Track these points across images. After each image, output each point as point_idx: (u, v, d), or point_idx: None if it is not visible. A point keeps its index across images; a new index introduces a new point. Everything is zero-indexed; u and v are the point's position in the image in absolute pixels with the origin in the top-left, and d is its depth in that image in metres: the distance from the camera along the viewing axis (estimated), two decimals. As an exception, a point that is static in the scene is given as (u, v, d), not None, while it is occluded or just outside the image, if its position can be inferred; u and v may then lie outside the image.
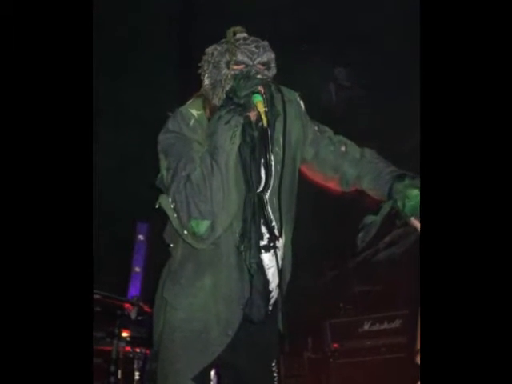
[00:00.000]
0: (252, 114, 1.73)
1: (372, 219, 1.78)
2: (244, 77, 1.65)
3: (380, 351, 4.23)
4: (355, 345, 4.32)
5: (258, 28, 1.82)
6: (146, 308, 3.40)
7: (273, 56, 1.78)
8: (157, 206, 1.68)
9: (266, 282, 1.76)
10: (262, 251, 1.75)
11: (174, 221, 1.65)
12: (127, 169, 4.43)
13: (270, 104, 1.73)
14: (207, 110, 1.76)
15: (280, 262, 1.74)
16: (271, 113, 1.73)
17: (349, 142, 1.98)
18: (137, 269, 4.85)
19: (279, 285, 1.76)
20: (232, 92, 1.65)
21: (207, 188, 1.59)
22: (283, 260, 1.80)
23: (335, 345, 4.37)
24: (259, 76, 1.69)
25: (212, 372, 1.81)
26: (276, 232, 1.76)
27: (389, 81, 4.38)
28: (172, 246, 1.84)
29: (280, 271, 1.73)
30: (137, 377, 3.28)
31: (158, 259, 1.96)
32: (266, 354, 1.84)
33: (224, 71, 1.70)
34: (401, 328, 4.20)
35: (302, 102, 1.95)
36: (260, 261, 1.74)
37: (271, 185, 1.76)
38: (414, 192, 1.69)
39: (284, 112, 1.70)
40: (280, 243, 1.80)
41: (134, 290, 4.75)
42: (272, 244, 1.75)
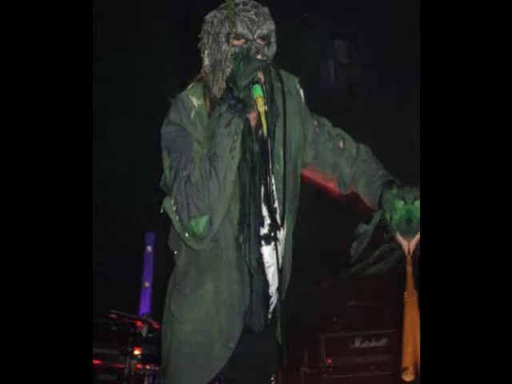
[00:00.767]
0: (252, 117, 1.75)
1: (365, 228, 1.83)
2: (244, 57, 1.68)
3: (369, 368, 4.45)
4: (347, 361, 4.53)
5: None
6: (155, 325, 3.55)
7: (273, 27, 1.78)
8: (161, 211, 1.71)
9: (266, 285, 1.79)
10: (263, 243, 1.76)
11: (176, 224, 1.68)
12: (133, 174, 4.39)
13: (270, 100, 1.77)
14: (207, 101, 1.78)
15: (280, 260, 1.74)
16: (271, 113, 1.76)
17: (347, 137, 2.01)
18: (146, 284, 4.96)
19: (278, 289, 1.78)
20: (232, 81, 1.67)
21: (205, 188, 1.64)
22: (283, 258, 1.82)
23: (329, 360, 4.56)
24: (259, 57, 1.72)
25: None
26: (278, 218, 1.75)
27: (389, 60, 4.34)
28: (176, 254, 1.86)
29: (280, 271, 1.73)
30: (147, 393, 3.49)
31: (166, 271, 1.97)
32: (265, 368, 1.88)
33: (224, 47, 1.72)
34: (387, 346, 4.48)
35: (302, 91, 1.95)
36: (260, 256, 1.76)
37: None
38: (400, 204, 1.76)
39: (284, 111, 1.69)
40: (281, 234, 1.80)
41: (144, 307, 4.83)
42: (273, 234, 1.76)
